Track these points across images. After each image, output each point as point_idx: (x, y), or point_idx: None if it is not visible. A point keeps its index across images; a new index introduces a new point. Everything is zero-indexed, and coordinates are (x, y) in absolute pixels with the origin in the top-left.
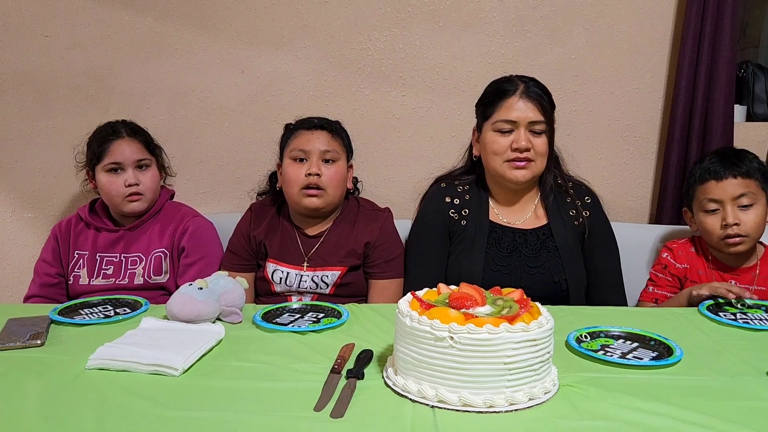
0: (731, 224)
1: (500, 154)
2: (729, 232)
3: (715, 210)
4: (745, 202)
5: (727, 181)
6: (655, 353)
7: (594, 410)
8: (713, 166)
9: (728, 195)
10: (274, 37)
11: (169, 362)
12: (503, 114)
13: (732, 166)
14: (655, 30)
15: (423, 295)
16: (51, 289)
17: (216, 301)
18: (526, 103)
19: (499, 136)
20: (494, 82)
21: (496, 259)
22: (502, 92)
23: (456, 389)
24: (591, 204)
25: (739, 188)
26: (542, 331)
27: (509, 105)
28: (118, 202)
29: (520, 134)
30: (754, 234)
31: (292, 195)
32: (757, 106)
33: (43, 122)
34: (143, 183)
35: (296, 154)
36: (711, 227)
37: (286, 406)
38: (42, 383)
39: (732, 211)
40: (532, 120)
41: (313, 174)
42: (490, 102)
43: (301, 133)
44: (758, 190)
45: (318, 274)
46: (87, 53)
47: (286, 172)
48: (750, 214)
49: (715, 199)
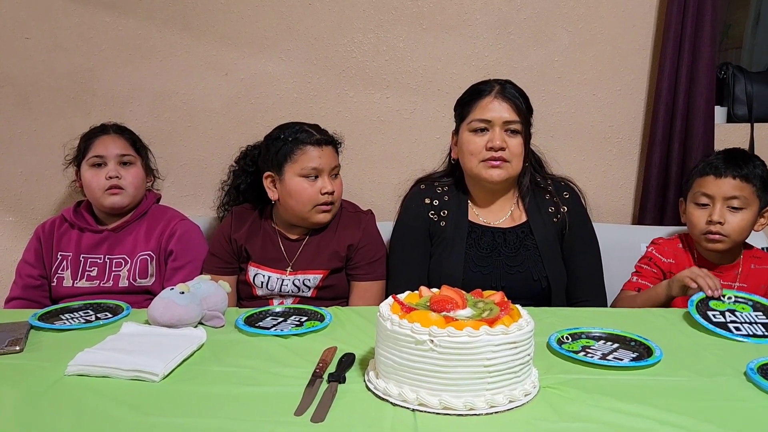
0: (715, 222)
1: (476, 155)
2: (711, 229)
3: (705, 205)
4: (735, 204)
5: (724, 179)
6: (635, 354)
7: (574, 412)
8: (717, 162)
9: (721, 193)
10: (258, 39)
11: (149, 368)
12: (478, 114)
13: (734, 166)
14: (637, 32)
15: (404, 299)
16: (33, 291)
17: (198, 306)
18: (501, 103)
19: (474, 136)
20: (472, 86)
21: (475, 259)
22: (478, 93)
23: (436, 392)
24: (570, 199)
25: (734, 190)
26: (522, 334)
27: (484, 105)
28: (98, 196)
29: (495, 134)
30: (735, 236)
31: (302, 212)
32: (737, 107)
33: (24, 125)
34: (125, 178)
35: (309, 172)
36: (696, 220)
37: (267, 411)
38: (20, 390)
39: (720, 210)
40: (507, 120)
41: (329, 192)
42: (467, 102)
43: (310, 149)
44: (752, 196)
45: (300, 278)
46: (68, 56)
47: (298, 190)
48: (737, 216)
49: (708, 194)
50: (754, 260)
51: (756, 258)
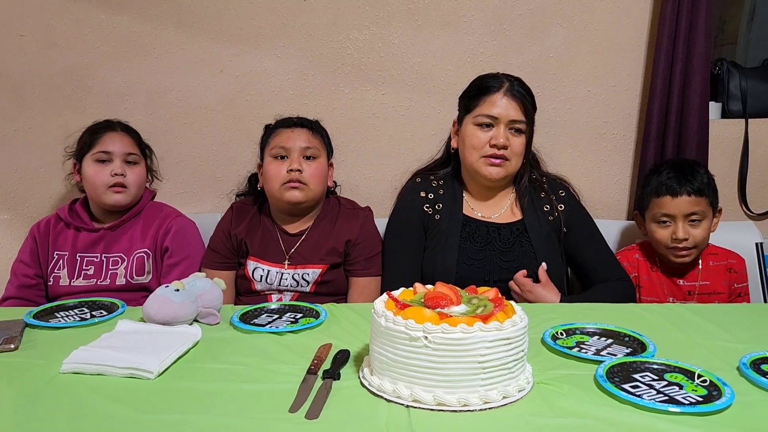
0: (681, 239)
1: (478, 149)
2: (678, 245)
3: (667, 223)
4: (695, 218)
5: (681, 198)
6: (629, 349)
7: (568, 408)
8: (670, 182)
9: (681, 212)
10: (253, 36)
11: (143, 365)
12: (485, 109)
13: (686, 182)
14: (631, 28)
15: (399, 295)
16: (28, 290)
17: (193, 303)
18: (510, 101)
19: (478, 131)
20: (480, 77)
21: (470, 252)
22: (487, 88)
23: (430, 388)
24: (566, 197)
25: (692, 206)
26: (516, 330)
27: (492, 101)
28: (101, 192)
29: (499, 131)
30: (701, 245)
31: (274, 191)
32: (731, 103)
33: (19, 122)
34: (129, 177)
35: (277, 152)
36: (661, 238)
37: (262, 408)
38: (15, 388)
39: (683, 227)
40: (513, 118)
41: (295, 170)
42: (474, 96)
43: (281, 132)
44: (707, 207)
45: (299, 272)
46: (63, 53)
47: (267, 170)
48: (698, 229)
49: (668, 214)
50: (711, 257)
51: (713, 255)
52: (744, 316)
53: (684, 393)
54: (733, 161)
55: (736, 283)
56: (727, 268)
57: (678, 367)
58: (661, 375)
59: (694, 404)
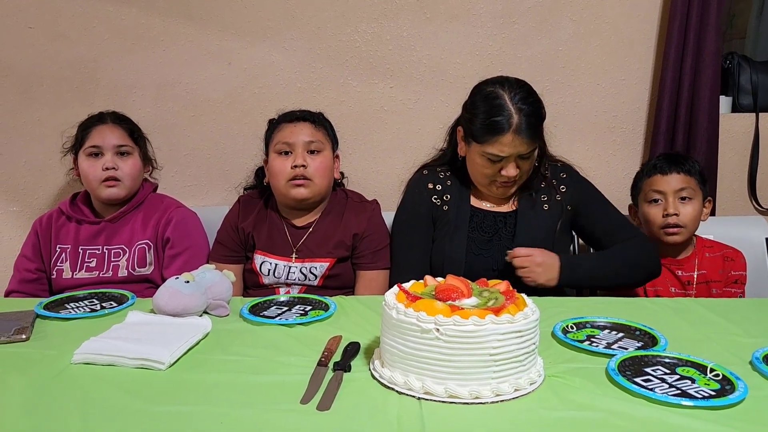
0: (671, 214)
1: (487, 176)
2: (669, 221)
3: (658, 200)
4: (684, 195)
5: (671, 175)
6: (640, 343)
7: (579, 401)
8: (660, 163)
9: (671, 187)
10: (261, 28)
11: (155, 356)
12: (495, 149)
13: (676, 164)
14: (641, 21)
15: (409, 287)
16: (30, 285)
17: (203, 295)
18: (520, 138)
19: (488, 163)
20: (488, 106)
21: (478, 242)
22: (496, 128)
23: (442, 381)
24: (567, 179)
25: (681, 182)
26: (527, 323)
27: (501, 142)
28: (95, 187)
29: (510, 164)
30: (690, 226)
31: (279, 188)
32: (742, 97)
33: (27, 115)
34: (122, 169)
35: (281, 147)
36: (653, 217)
37: (273, 400)
38: (26, 379)
39: (673, 202)
40: (522, 153)
41: (299, 166)
42: (482, 132)
43: (284, 126)
44: (696, 187)
45: (306, 266)
46: (71, 45)
47: (272, 166)
48: (688, 207)
49: (659, 190)
50: (707, 249)
51: (708, 247)
52: (754, 311)
53: (697, 387)
54: (744, 156)
55: (732, 270)
56: (723, 257)
57: (690, 361)
58: (673, 369)
59: (707, 398)
